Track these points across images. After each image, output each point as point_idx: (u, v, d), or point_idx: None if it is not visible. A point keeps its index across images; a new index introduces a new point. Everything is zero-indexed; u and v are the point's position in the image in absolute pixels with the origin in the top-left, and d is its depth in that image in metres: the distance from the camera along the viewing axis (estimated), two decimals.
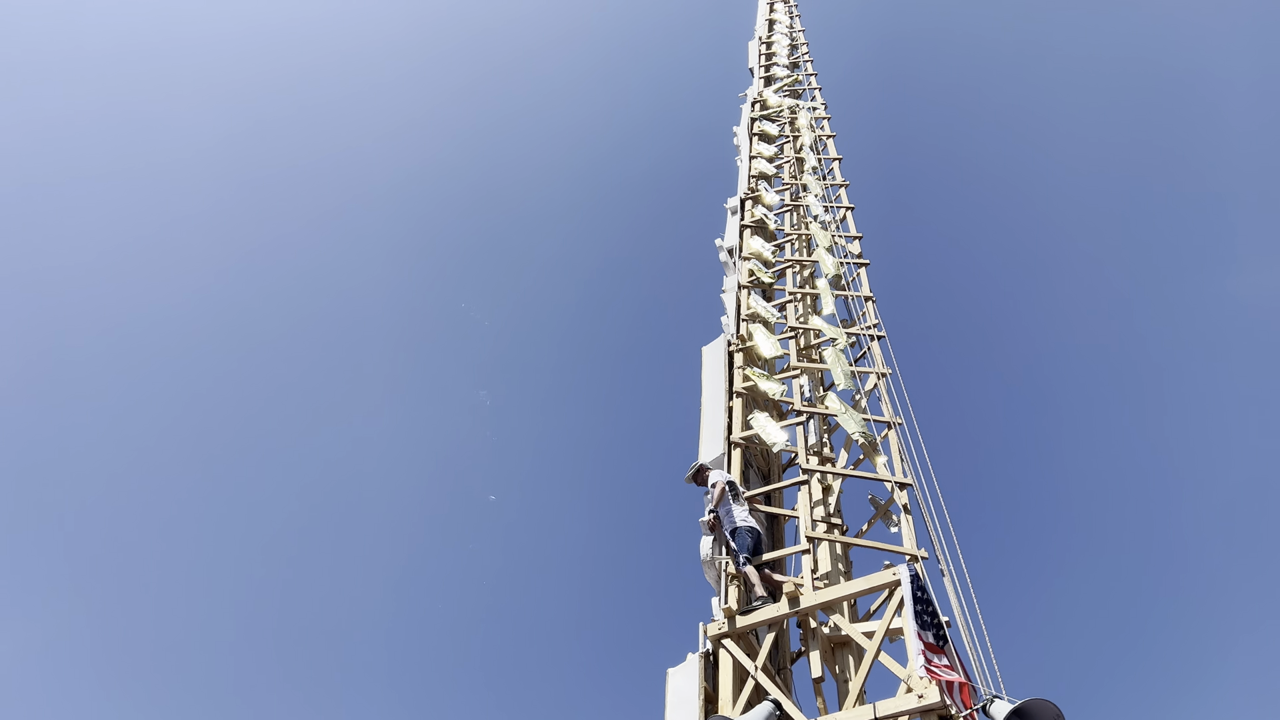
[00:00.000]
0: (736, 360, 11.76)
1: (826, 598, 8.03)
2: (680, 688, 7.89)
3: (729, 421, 10.74)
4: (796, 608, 8.02)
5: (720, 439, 10.53)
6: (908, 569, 7.67)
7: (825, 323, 12.10)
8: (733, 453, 10.31)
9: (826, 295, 12.56)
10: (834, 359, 11.19)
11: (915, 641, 7.17)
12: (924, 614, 7.58)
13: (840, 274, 13.25)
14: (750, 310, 12.71)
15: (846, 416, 10.28)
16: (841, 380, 10.91)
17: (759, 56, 21.32)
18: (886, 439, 10.13)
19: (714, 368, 11.78)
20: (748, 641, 8.19)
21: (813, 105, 18.68)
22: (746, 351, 11.91)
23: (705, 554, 9.11)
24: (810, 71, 20.52)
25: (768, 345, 11.77)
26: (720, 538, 9.16)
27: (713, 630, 8.17)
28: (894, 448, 9.97)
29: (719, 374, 11.58)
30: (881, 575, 8.02)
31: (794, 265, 14.03)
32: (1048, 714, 6.66)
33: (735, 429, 10.64)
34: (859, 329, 12.13)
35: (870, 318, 12.18)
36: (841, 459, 10.89)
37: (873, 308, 12.37)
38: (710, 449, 10.56)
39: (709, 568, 9.06)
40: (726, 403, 11.05)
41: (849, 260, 13.56)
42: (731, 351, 11.91)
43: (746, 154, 17.10)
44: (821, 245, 13.64)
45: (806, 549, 8.80)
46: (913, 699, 6.90)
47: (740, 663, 7.79)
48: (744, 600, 8.45)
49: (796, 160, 16.62)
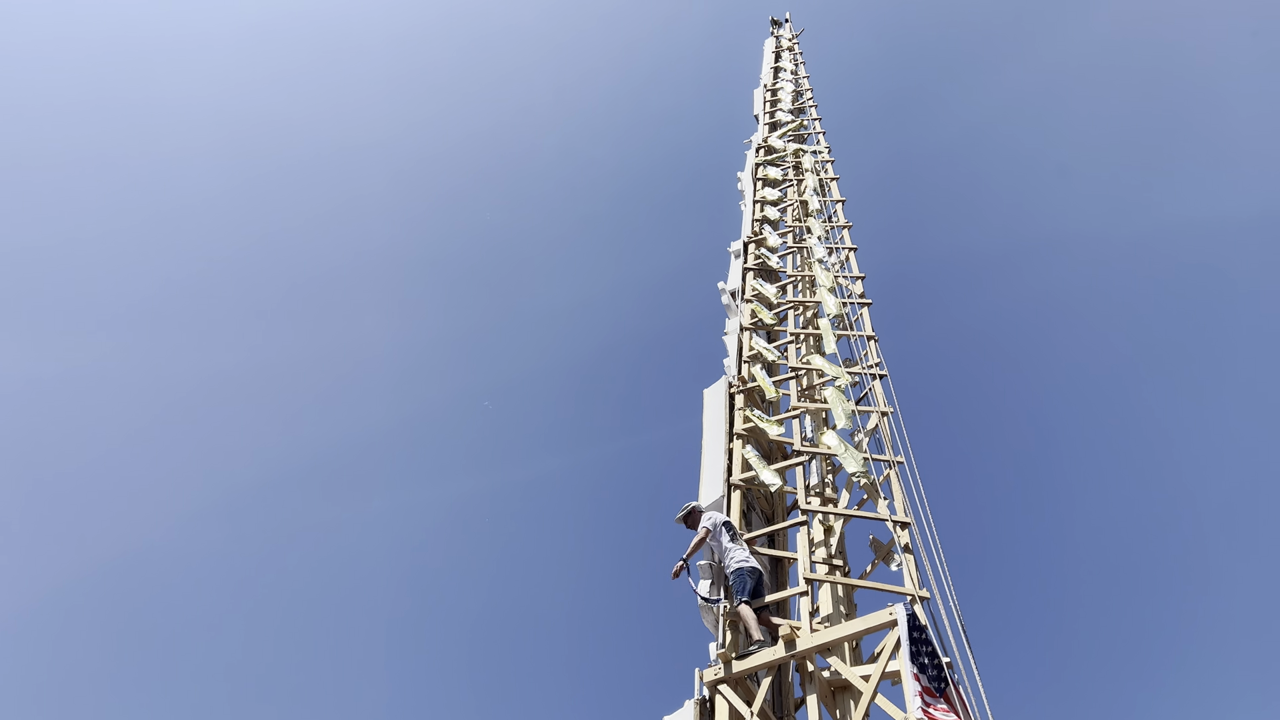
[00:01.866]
0: (738, 402, 11.72)
1: (822, 640, 7.88)
2: None
3: (729, 463, 10.67)
4: (793, 651, 7.87)
5: (720, 481, 10.45)
6: (904, 609, 7.52)
7: (827, 362, 12.05)
8: (732, 494, 10.22)
9: (828, 335, 12.53)
10: (835, 399, 11.13)
11: (912, 683, 7.02)
12: (923, 655, 7.41)
13: (843, 314, 13.24)
14: (752, 351, 12.71)
15: (847, 456, 10.18)
16: (842, 420, 10.84)
17: (764, 103, 21.58)
18: (888, 479, 10.03)
19: (715, 409, 11.75)
20: (745, 687, 8.04)
21: (817, 149, 18.83)
22: (748, 393, 11.88)
23: (703, 598, 8.98)
24: (814, 116, 20.72)
25: (768, 386, 11.74)
26: (718, 580, 9.04)
27: (709, 676, 8.04)
28: (895, 487, 9.85)
29: (720, 416, 11.54)
30: (878, 616, 7.87)
31: (796, 307, 14.04)
32: None
33: (735, 471, 10.56)
34: (861, 368, 12.07)
35: (872, 357, 12.12)
36: (844, 499, 10.77)
37: (875, 347, 12.32)
38: (710, 491, 10.48)
39: (707, 612, 8.94)
40: (727, 444, 10.99)
41: (851, 300, 13.55)
42: (733, 393, 11.88)
43: (750, 198, 17.24)
44: (824, 286, 13.65)
45: (805, 591, 8.67)
46: None
47: (736, 709, 7.63)
48: (741, 644, 8.31)
49: (800, 203, 16.72)
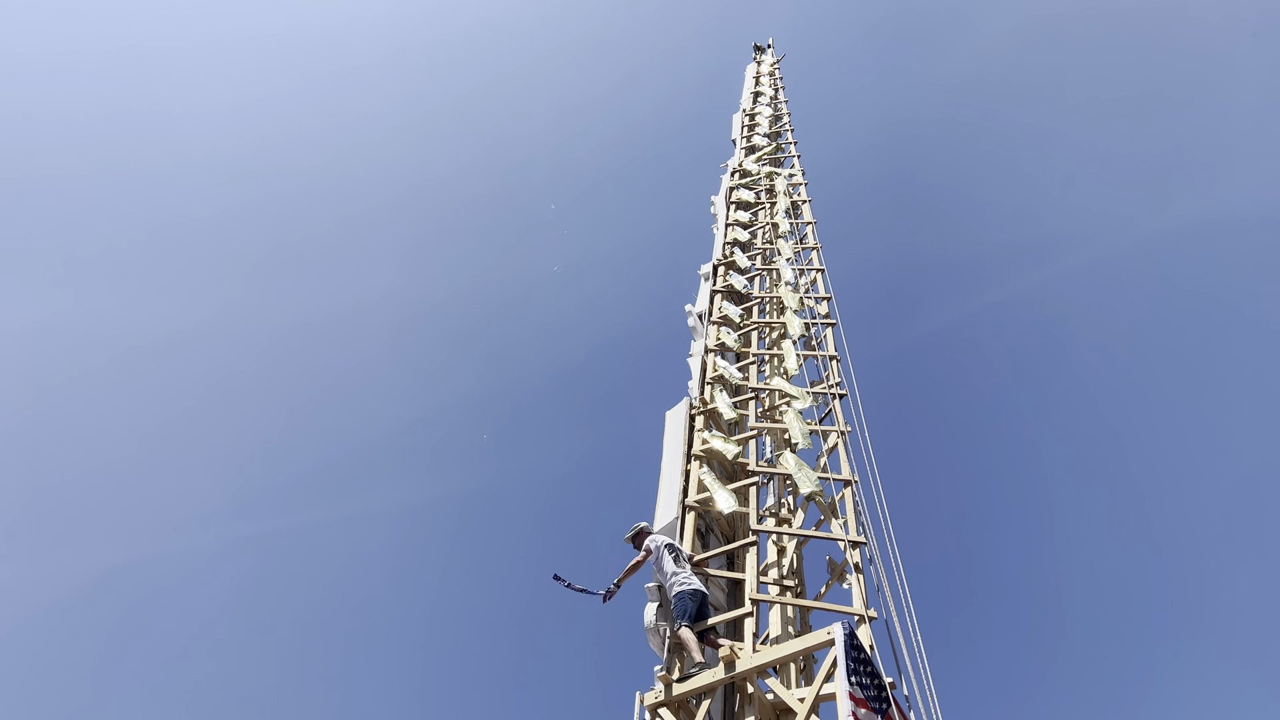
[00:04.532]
0: (698, 423, 11.69)
1: (762, 661, 7.79)
2: None
3: (685, 485, 10.61)
4: (733, 672, 7.78)
5: (675, 502, 10.39)
6: (842, 629, 7.41)
7: (787, 383, 12.02)
8: (686, 516, 10.16)
9: (790, 356, 12.52)
10: (793, 419, 11.09)
11: (846, 703, 6.91)
12: (862, 675, 7.31)
13: (807, 335, 13.23)
14: (715, 373, 12.69)
15: (801, 476, 10.13)
16: (800, 440, 10.79)
17: (742, 127, 21.72)
18: (843, 498, 9.96)
19: (675, 431, 11.70)
20: (687, 709, 7.94)
21: (791, 172, 18.91)
22: (708, 414, 11.84)
23: (649, 621, 8.89)
24: (791, 140, 20.83)
25: (727, 407, 11.71)
26: (666, 602, 8.96)
27: (649, 699, 7.94)
28: (849, 506, 9.79)
29: (679, 437, 11.49)
30: (817, 635, 7.79)
31: (762, 327, 14.03)
32: None
33: (691, 492, 10.49)
34: (822, 388, 12.04)
35: (833, 377, 12.09)
36: (799, 520, 10.69)
37: (836, 367, 12.29)
38: (666, 513, 10.42)
39: (653, 635, 8.84)
40: (684, 466, 10.94)
41: (817, 321, 13.54)
42: (693, 415, 11.85)
43: (723, 221, 17.31)
44: (790, 307, 13.66)
45: (750, 612, 8.58)
46: None
47: None
48: (684, 667, 8.22)
49: (771, 225, 16.76)
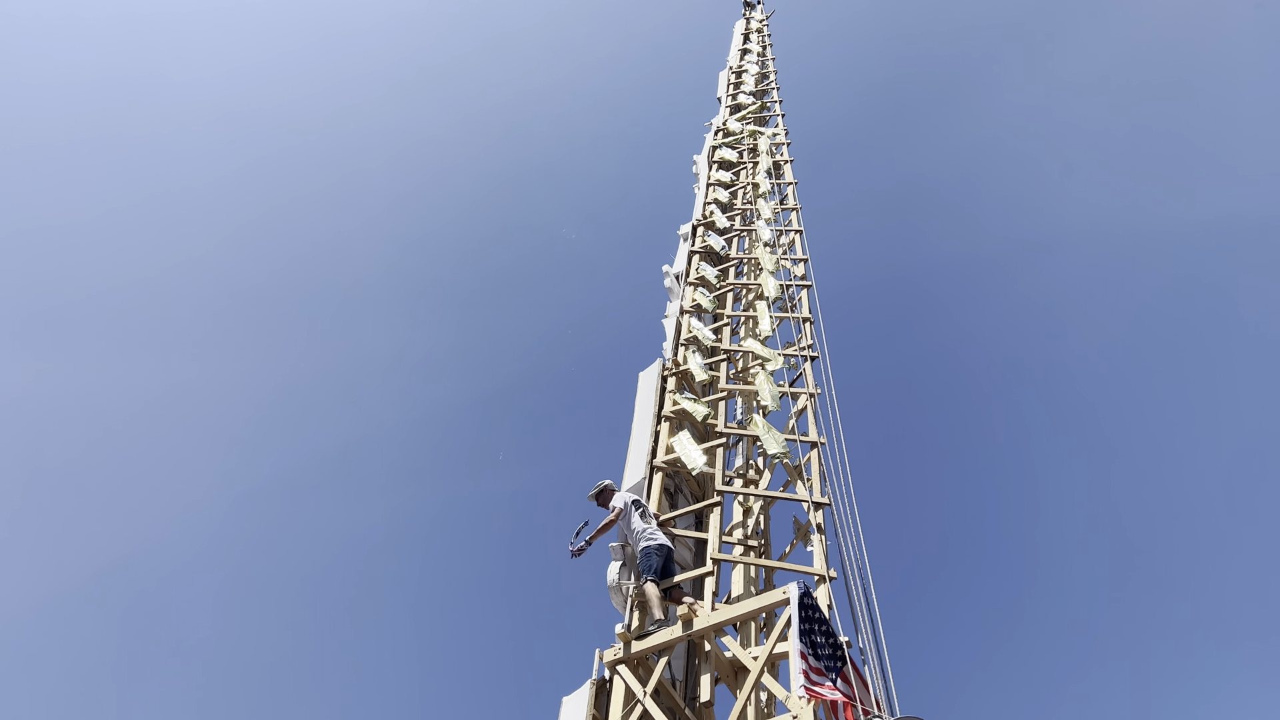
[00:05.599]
0: (670, 385, 11.72)
1: (718, 619, 7.90)
2: (572, 715, 7.77)
3: (654, 445, 10.67)
4: (690, 630, 7.89)
5: (643, 462, 10.45)
6: (797, 588, 7.50)
7: (759, 345, 12.03)
8: (654, 476, 10.23)
9: (764, 317, 12.51)
10: (763, 381, 11.11)
11: (798, 661, 7.01)
12: (816, 634, 7.42)
13: (783, 297, 13.22)
14: (689, 335, 12.69)
15: (769, 438, 10.18)
16: (770, 402, 10.82)
17: (727, 85, 21.48)
18: (810, 460, 10.03)
19: (647, 392, 11.74)
20: (646, 666, 8.05)
21: (774, 132, 18.74)
22: (680, 375, 11.87)
23: (612, 579, 9.01)
24: (776, 99, 20.61)
25: (700, 369, 11.73)
26: (630, 560, 9.06)
27: (609, 656, 8.05)
28: (815, 468, 9.86)
29: (650, 398, 11.53)
30: (772, 595, 7.89)
31: (738, 289, 14.01)
32: None
33: (660, 452, 10.56)
34: (794, 350, 12.05)
35: (806, 339, 12.09)
36: (765, 480, 10.76)
37: (810, 329, 12.29)
38: (634, 472, 10.49)
39: (615, 593, 8.96)
40: (654, 426, 10.99)
41: (793, 283, 13.52)
42: (666, 376, 11.88)
43: (704, 181, 17.19)
44: (766, 269, 13.62)
45: (711, 571, 8.68)
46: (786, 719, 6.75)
47: (631, 689, 7.65)
48: (644, 624, 8.33)
49: (752, 185, 16.65)
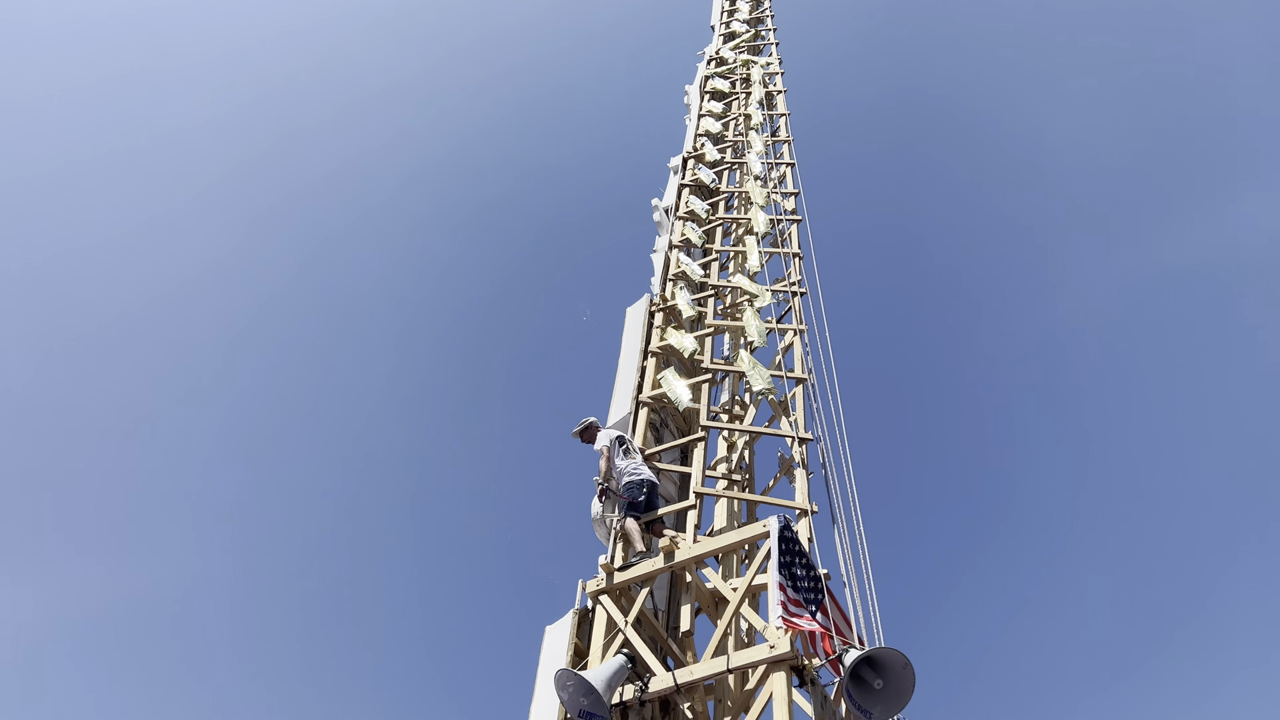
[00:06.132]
0: (657, 320, 11.68)
1: (699, 551, 8.01)
2: (555, 644, 7.93)
3: (640, 380, 10.69)
4: (672, 562, 8.00)
5: (629, 397, 10.49)
6: (776, 522, 7.60)
7: (748, 280, 11.96)
8: (639, 411, 10.26)
9: (753, 252, 12.41)
10: (751, 317, 11.08)
11: (776, 593, 7.13)
12: (795, 567, 7.53)
13: (773, 231, 13.09)
14: (678, 269, 12.61)
15: (754, 374, 10.19)
16: (756, 338, 10.81)
17: (721, 13, 20.94)
18: (795, 396, 10.06)
19: (634, 328, 11.72)
20: (628, 596, 8.19)
21: (768, 61, 18.34)
22: (668, 311, 11.83)
23: (595, 512, 9.11)
24: (771, 26, 20.12)
25: (688, 305, 11.68)
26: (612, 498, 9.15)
27: (591, 586, 8.19)
28: (799, 404, 9.89)
29: (638, 334, 11.51)
30: (753, 528, 7.99)
31: (728, 223, 13.88)
32: (896, 663, 6.62)
33: (646, 388, 10.58)
34: (782, 286, 11.99)
35: (795, 274, 12.02)
36: (750, 416, 10.80)
37: (798, 264, 12.21)
38: (620, 407, 10.53)
39: (599, 525, 9.07)
40: (640, 362, 10.99)
41: (783, 218, 13.38)
42: (653, 311, 11.83)
43: (696, 112, 16.88)
44: (757, 202, 13.46)
45: (693, 504, 8.77)
46: (764, 649, 6.89)
47: (613, 618, 7.79)
48: (626, 556, 8.45)
49: (744, 117, 16.36)
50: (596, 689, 6.45)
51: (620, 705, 7.15)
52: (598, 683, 6.49)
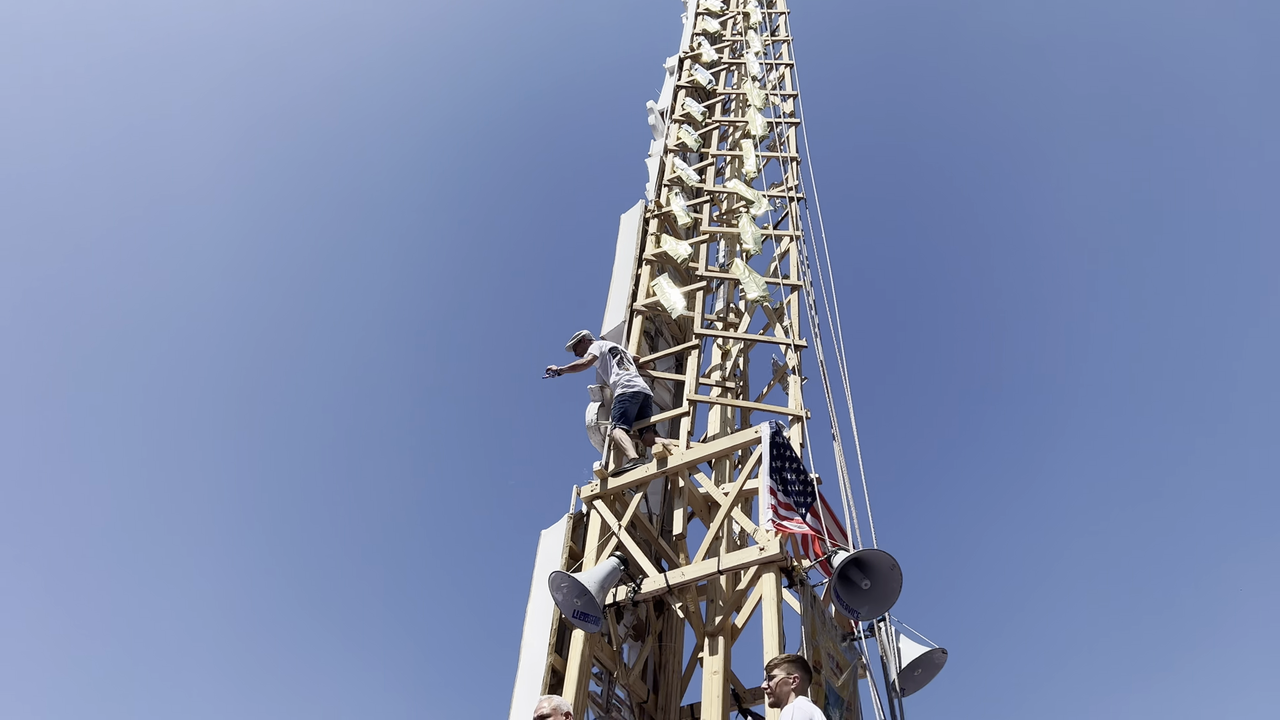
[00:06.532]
0: (652, 227, 11.53)
1: (692, 457, 8.08)
2: (550, 548, 8.08)
3: (634, 288, 10.62)
4: (665, 468, 8.08)
5: (623, 306, 10.43)
6: (769, 427, 7.64)
7: (744, 186, 11.76)
8: (633, 320, 10.22)
9: (750, 156, 12.17)
10: (746, 223, 10.93)
11: (766, 497, 7.21)
12: (786, 471, 7.60)
13: (770, 135, 12.81)
14: (673, 175, 12.38)
15: (749, 281, 10.11)
16: (752, 245, 10.68)
17: None
18: (790, 303, 10.00)
19: (629, 235, 11.58)
20: (622, 501, 8.31)
21: None
22: (663, 217, 11.66)
23: (590, 420, 9.17)
24: None
25: (683, 211, 11.51)
26: (608, 403, 9.20)
27: (585, 492, 8.29)
28: (793, 311, 9.85)
29: (632, 241, 11.38)
30: (744, 434, 8.04)
31: (724, 126, 13.56)
32: (883, 564, 6.73)
33: (640, 296, 10.51)
34: (779, 191, 11.80)
35: (791, 179, 11.82)
36: (744, 324, 10.77)
37: (796, 169, 11.99)
38: (614, 316, 10.49)
39: (593, 433, 9.14)
40: (635, 270, 10.89)
41: (781, 121, 13.07)
42: (647, 218, 11.67)
43: (693, 10, 16.33)
44: (754, 104, 13.14)
45: (686, 412, 8.81)
46: (754, 551, 7.01)
47: (607, 522, 7.92)
48: (620, 462, 8.53)
49: (742, 15, 15.83)
50: (589, 590, 6.59)
51: (614, 606, 7.33)
52: (590, 584, 6.63)
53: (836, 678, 6.95)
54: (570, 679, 6.81)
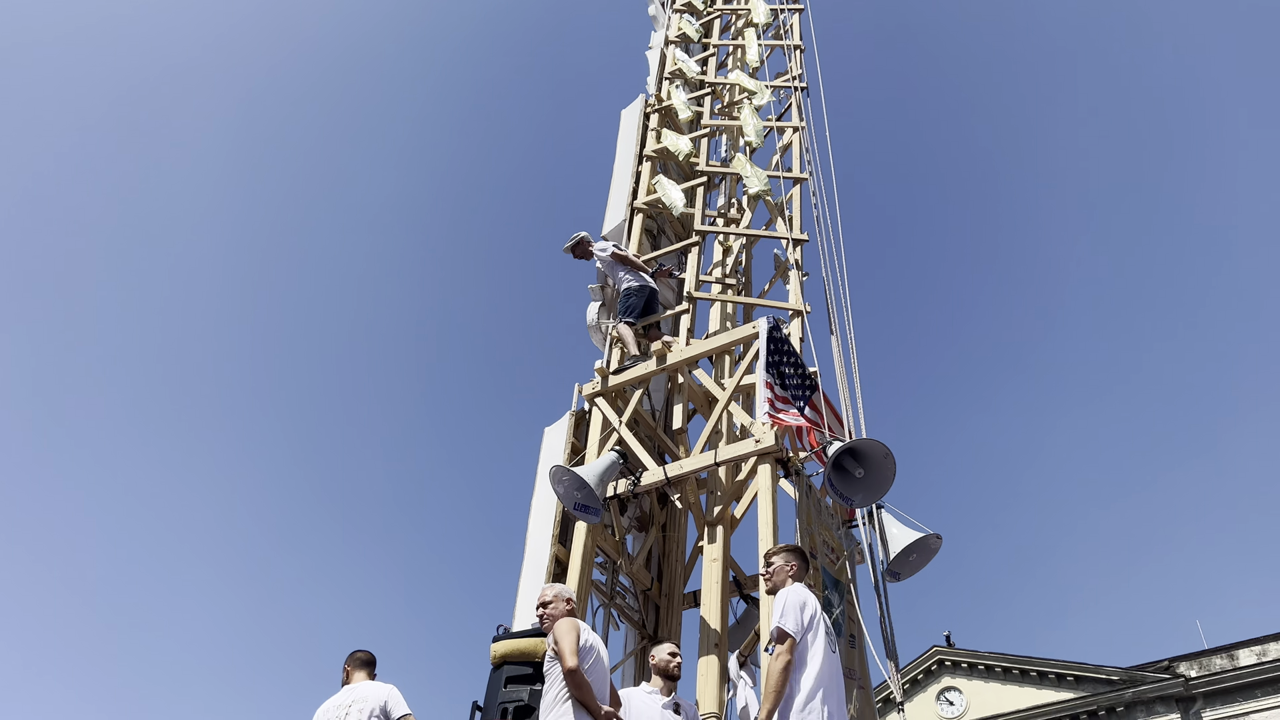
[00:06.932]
0: (652, 121, 11.30)
1: (691, 354, 8.12)
2: (553, 444, 8.23)
3: (635, 186, 10.48)
4: (664, 365, 8.15)
5: (624, 204, 10.32)
6: (766, 323, 7.65)
7: (746, 76, 11.44)
8: (634, 218, 10.13)
9: (752, 45, 11.81)
10: (749, 115, 10.68)
11: (763, 391, 7.28)
12: (784, 365, 7.65)
13: (773, 22, 12.39)
14: (674, 67, 12.06)
15: (751, 174, 9.95)
16: (754, 137, 10.47)
17: None
18: (792, 197, 9.87)
19: (629, 131, 11.35)
20: (624, 398, 8.40)
21: None
22: (664, 112, 11.41)
23: (591, 319, 9.20)
24: None
25: (683, 105, 11.25)
26: (610, 302, 9.22)
27: (587, 390, 8.39)
28: (796, 205, 9.72)
29: (633, 137, 11.17)
30: (742, 330, 8.07)
31: (726, 14, 13.12)
32: (877, 453, 6.85)
33: (641, 193, 10.39)
34: (783, 81, 11.49)
35: (795, 69, 11.49)
36: (746, 219, 10.65)
37: (799, 57, 11.64)
38: (615, 214, 10.39)
39: (594, 332, 9.18)
40: (635, 167, 10.74)
41: (784, 8, 12.62)
42: (648, 112, 11.43)
43: None
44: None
45: (686, 309, 8.82)
46: (750, 444, 7.13)
47: (608, 418, 8.04)
48: (621, 360, 8.60)
49: None
50: (589, 483, 6.74)
51: (616, 498, 7.51)
52: (590, 477, 6.78)
53: (833, 564, 7.15)
54: (574, 569, 7.04)
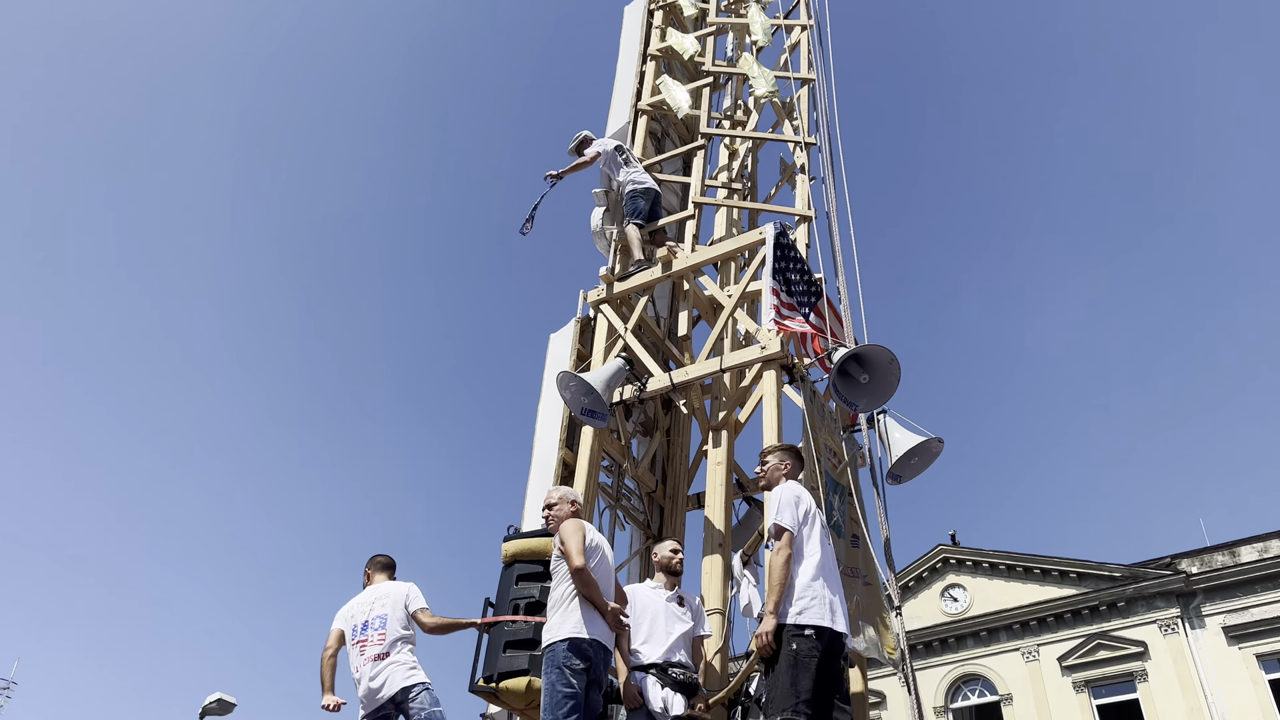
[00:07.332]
0: (657, 19, 10.96)
1: (697, 260, 8.09)
2: (559, 350, 8.28)
3: (638, 87, 10.24)
4: (669, 271, 8.12)
5: (628, 106, 10.10)
6: (773, 229, 7.58)
7: None
8: (638, 120, 9.93)
9: None
10: (755, 13, 10.36)
11: (769, 297, 7.27)
12: (790, 272, 7.61)
13: None
14: None
15: (758, 76, 9.70)
16: (761, 37, 10.17)
17: None
18: (800, 99, 9.64)
19: (633, 29, 11.03)
20: (629, 304, 8.40)
21: None
22: (668, 9, 11.06)
23: (595, 225, 9.11)
24: None
25: (688, 2, 10.88)
26: (614, 206, 9.10)
27: (592, 296, 8.38)
28: (803, 107, 9.51)
29: (636, 35, 10.86)
30: (748, 235, 8.01)
31: None
32: (881, 359, 6.87)
33: (645, 94, 10.15)
34: None
35: None
36: (753, 121, 10.43)
37: None
38: (619, 117, 10.18)
39: (599, 238, 9.11)
40: (640, 67, 10.46)
41: None
42: (652, 9, 11.07)
43: None
44: None
45: (692, 215, 8.73)
46: (756, 350, 7.17)
47: (613, 325, 8.05)
48: (626, 266, 8.57)
49: None
50: (595, 389, 6.80)
51: (622, 404, 7.60)
52: (596, 383, 6.84)
53: (835, 467, 7.27)
54: (580, 471, 7.17)
